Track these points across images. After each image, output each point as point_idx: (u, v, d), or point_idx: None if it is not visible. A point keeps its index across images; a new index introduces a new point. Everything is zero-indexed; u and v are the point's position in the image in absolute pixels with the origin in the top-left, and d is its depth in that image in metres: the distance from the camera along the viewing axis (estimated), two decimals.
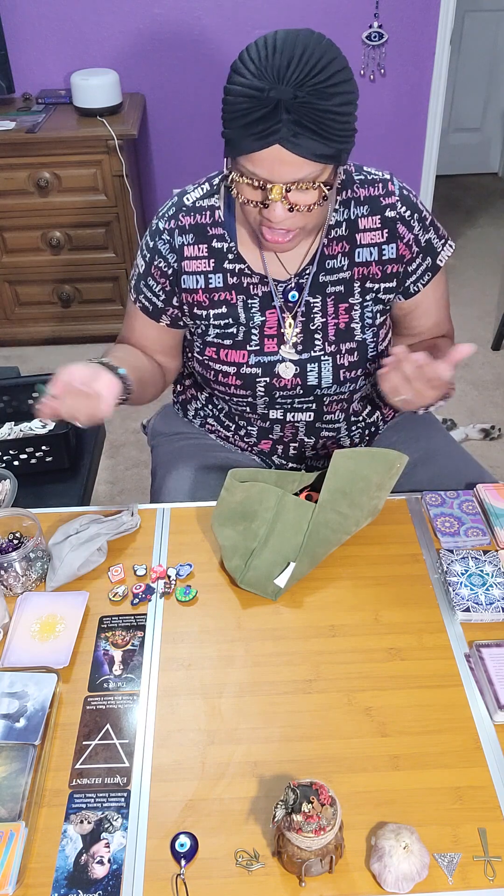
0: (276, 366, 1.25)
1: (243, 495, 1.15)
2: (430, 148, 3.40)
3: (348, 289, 1.22)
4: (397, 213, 1.20)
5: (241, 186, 1.04)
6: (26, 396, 1.76)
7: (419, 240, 1.22)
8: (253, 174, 1.00)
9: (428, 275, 1.26)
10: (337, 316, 1.23)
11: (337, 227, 1.20)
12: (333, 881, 0.82)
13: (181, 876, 0.83)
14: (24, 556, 1.13)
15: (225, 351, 1.26)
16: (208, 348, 1.27)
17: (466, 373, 3.08)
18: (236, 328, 1.24)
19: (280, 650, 1.06)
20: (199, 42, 3.08)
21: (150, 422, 1.62)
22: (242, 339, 1.24)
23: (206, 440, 1.48)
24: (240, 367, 1.26)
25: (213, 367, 1.28)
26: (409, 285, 1.26)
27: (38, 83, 3.13)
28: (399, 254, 1.21)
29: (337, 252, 1.21)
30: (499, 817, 0.87)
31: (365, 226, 1.20)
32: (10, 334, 3.23)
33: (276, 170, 0.98)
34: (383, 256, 1.21)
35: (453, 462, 1.41)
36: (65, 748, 0.95)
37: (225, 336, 1.25)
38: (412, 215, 1.21)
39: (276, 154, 0.97)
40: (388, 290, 1.24)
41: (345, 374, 1.26)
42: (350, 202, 1.19)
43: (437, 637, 1.07)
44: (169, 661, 1.05)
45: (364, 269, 1.22)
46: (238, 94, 0.96)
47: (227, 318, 1.24)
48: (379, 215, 1.19)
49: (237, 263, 1.22)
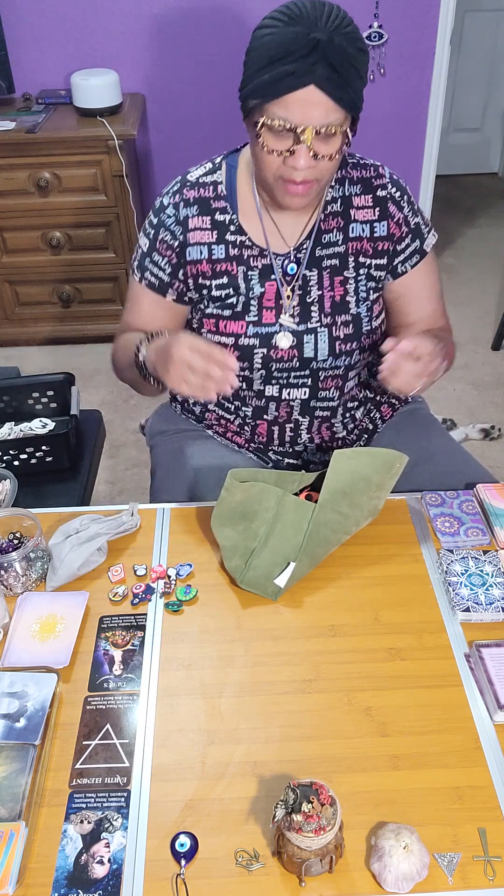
0: (273, 337, 1.27)
1: (243, 495, 1.15)
2: (430, 148, 3.40)
3: (343, 263, 1.27)
4: (388, 193, 1.26)
5: (267, 136, 1.08)
6: (26, 396, 1.76)
7: (409, 221, 1.28)
8: (285, 118, 1.04)
9: (416, 257, 1.30)
10: (333, 288, 1.27)
11: (333, 203, 1.26)
12: (333, 881, 0.82)
13: (181, 876, 0.83)
14: (24, 556, 1.13)
15: (224, 322, 1.28)
16: (207, 320, 1.29)
17: (466, 373, 3.08)
18: (236, 298, 1.27)
19: (280, 650, 1.06)
20: (199, 42, 3.08)
21: (148, 422, 1.63)
22: (241, 310, 1.27)
23: (203, 435, 1.48)
24: (238, 338, 1.28)
25: (211, 340, 1.29)
26: (396, 265, 1.30)
27: (38, 83, 3.12)
28: (390, 232, 1.27)
29: (332, 227, 1.26)
30: (499, 817, 0.87)
31: (358, 203, 1.26)
32: (10, 334, 3.23)
33: (308, 112, 1.03)
34: (374, 233, 1.27)
35: (452, 462, 1.41)
36: (65, 748, 0.95)
37: (224, 307, 1.27)
38: (402, 196, 1.28)
39: (310, 96, 1.02)
40: (378, 266, 1.29)
41: (340, 346, 1.29)
42: (345, 181, 1.26)
43: (437, 637, 1.07)
44: (169, 661, 1.05)
45: (357, 244, 1.27)
46: (274, 39, 1.02)
47: (228, 289, 1.27)
48: (371, 195, 1.26)
49: (238, 235, 1.25)
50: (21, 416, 1.77)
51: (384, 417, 1.50)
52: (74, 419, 1.73)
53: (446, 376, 3.14)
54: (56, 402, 1.77)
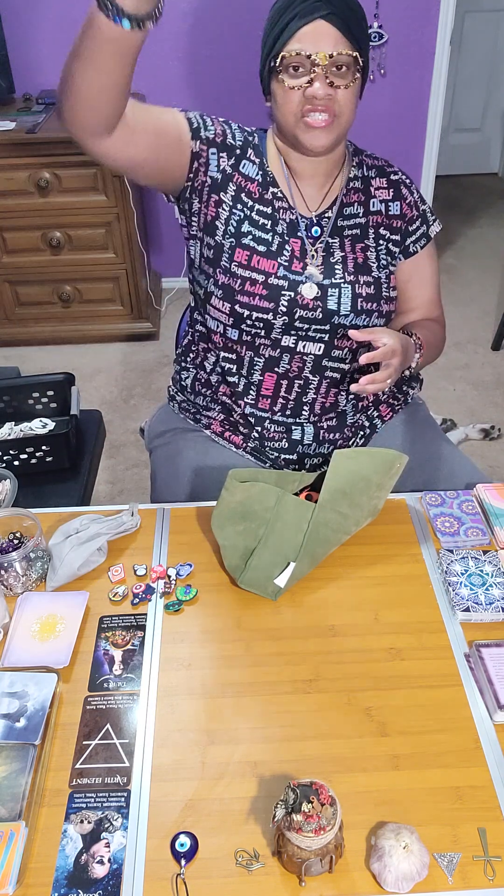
0: (299, 285, 1.30)
1: (243, 495, 1.15)
2: (430, 148, 3.40)
3: (364, 232, 1.35)
4: (401, 178, 1.39)
5: (286, 76, 1.19)
6: (26, 396, 1.76)
7: (418, 205, 1.39)
8: (300, 48, 1.17)
9: (424, 240, 1.40)
10: (355, 252, 1.34)
11: (354, 181, 1.35)
12: (333, 881, 0.82)
13: (181, 876, 0.83)
14: (25, 556, 1.13)
15: (258, 258, 1.29)
16: (240, 251, 1.28)
17: (466, 373, 3.08)
18: (272, 236, 1.30)
19: (280, 650, 1.06)
20: (200, 42, 3.08)
21: (147, 424, 1.63)
22: (276, 250, 1.30)
23: (201, 436, 1.48)
24: (268, 277, 1.29)
25: (241, 276, 1.28)
26: (409, 244, 1.39)
27: (38, 83, 3.13)
28: (402, 212, 1.37)
29: (354, 201, 1.35)
30: (498, 817, 0.87)
31: (376, 185, 1.37)
32: (10, 334, 3.23)
33: (319, 42, 1.16)
34: (390, 212, 1.37)
35: (447, 467, 1.40)
36: (65, 748, 0.95)
37: (260, 241, 1.29)
38: (411, 184, 1.40)
39: (319, 28, 1.16)
40: (395, 242, 1.37)
41: (362, 303, 1.31)
42: (363, 164, 1.37)
43: (436, 637, 1.07)
44: (169, 661, 1.05)
45: (377, 217, 1.36)
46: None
47: (268, 221, 1.30)
48: (386, 178, 1.37)
49: (272, 187, 1.32)
50: (21, 416, 1.77)
51: (383, 417, 1.50)
52: (74, 419, 1.73)
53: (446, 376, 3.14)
54: (56, 402, 1.77)
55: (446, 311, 1.55)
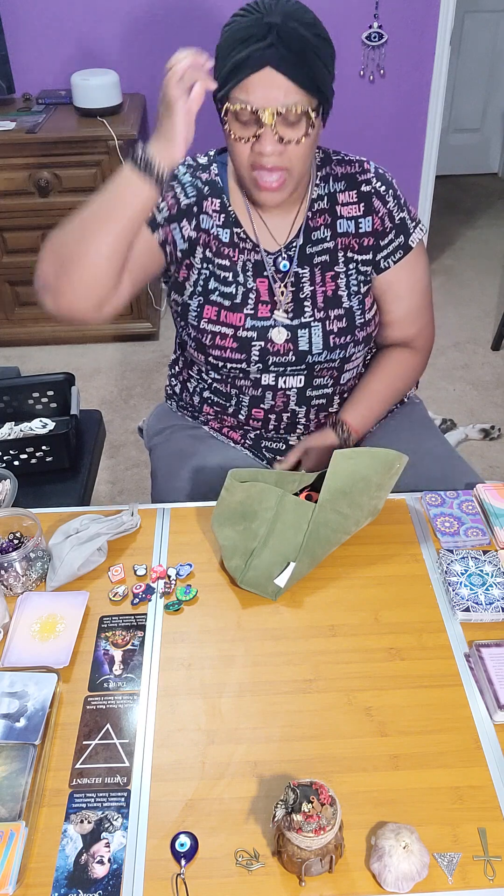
0: (269, 331, 1.28)
1: (243, 495, 1.15)
2: (430, 148, 3.40)
3: (333, 258, 1.28)
4: (372, 187, 1.27)
5: (233, 124, 1.10)
6: (26, 396, 1.76)
7: (393, 216, 1.28)
8: (247, 102, 1.06)
9: (399, 253, 1.30)
10: (324, 283, 1.28)
11: (319, 201, 1.27)
12: (333, 881, 0.82)
13: (181, 875, 0.83)
14: (25, 556, 1.13)
15: (224, 313, 1.28)
16: (209, 308, 1.28)
17: (466, 373, 3.08)
18: (235, 287, 1.27)
19: (280, 650, 1.06)
20: (200, 43, 3.07)
21: (146, 422, 1.63)
22: (240, 301, 1.28)
23: (200, 433, 1.48)
24: (237, 330, 1.28)
25: (210, 331, 1.29)
26: (379, 260, 1.30)
27: (38, 83, 3.13)
28: (374, 227, 1.27)
29: (320, 224, 1.27)
30: (498, 817, 0.87)
31: (343, 200, 1.27)
32: (10, 334, 3.23)
33: (267, 94, 1.05)
34: (360, 230, 1.27)
35: (440, 467, 1.40)
36: (65, 748, 0.95)
37: (226, 296, 1.27)
38: (387, 191, 1.28)
39: (268, 77, 1.05)
40: (365, 262, 1.29)
41: (334, 339, 1.29)
42: (329, 178, 1.27)
43: (436, 637, 1.07)
44: (169, 661, 1.05)
45: (345, 240, 1.28)
46: (233, 30, 1.07)
47: (230, 273, 1.27)
48: (355, 190, 1.27)
49: (236, 227, 1.27)
50: (21, 416, 1.77)
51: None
52: (74, 419, 1.73)
53: (446, 376, 3.14)
54: (56, 402, 1.77)
55: (446, 312, 1.55)
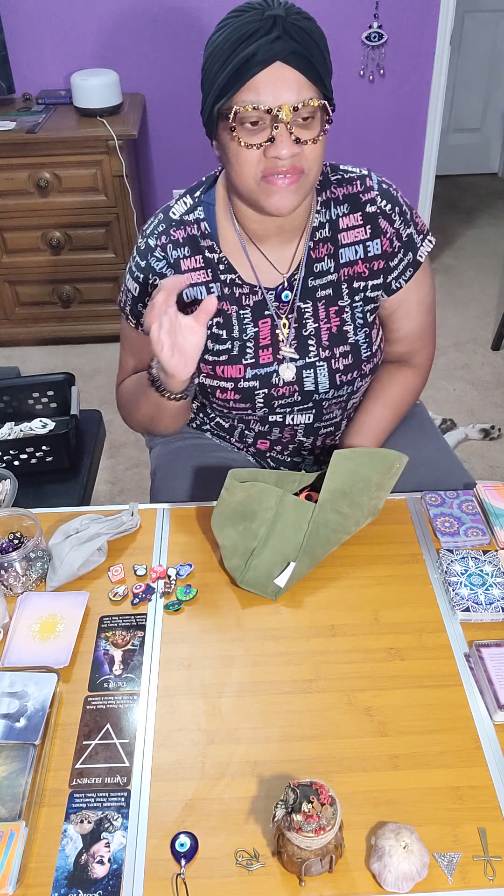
0: (272, 376, 1.25)
1: (243, 495, 1.15)
2: (430, 148, 3.40)
3: (337, 291, 1.22)
4: (378, 207, 1.19)
5: (241, 132, 1.01)
6: (26, 396, 1.76)
7: (401, 234, 1.21)
8: (257, 102, 0.98)
9: (409, 271, 1.24)
10: (329, 320, 1.23)
11: (321, 230, 1.20)
12: (333, 881, 0.82)
13: (181, 875, 0.83)
14: (24, 556, 1.13)
15: (221, 367, 1.25)
16: (203, 365, 1.26)
17: (466, 373, 3.08)
18: (230, 343, 1.24)
19: (280, 650, 1.06)
20: (200, 42, 3.08)
21: None
22: (238, 354, 1.24)
23: (202, 439, 1.48)
24: (237, 382, 1.26)
25: (209, 385, 1.28)
26: (390, 282, 1.24)
27: (38, 83, 3.13)
28: (383, 249, 1.21)
29: (323, 254, 1.21)
30: (498, 817, 0.87)
31: (346, 224, 1.19)
32: (10, 334, 3.23)
33: (280, 91, 0.98)
34: (368, 253, 1.21)
35: (436, 472, 1.40)
36: (65, 748, 0.95)
37: (220, 353, 1.24)
38: (393, 209, 1.20)
39: (279, 73, 0.97)
40: (375, 287, 1.24)
41: (341, 377, 1.27)
42: (330, 203, 1.19)
43: (436, 637, 1.07)
44: (169, 661, 1.05)
45: (349, 270, 1.21)
46: (230, 31, 0.99)
47: (222, 331, 1.23)
48: (360, 212, 1.19)
49: (229, 273, 1.21)
50: (21, 416, 1.77)
51: None
52: (74, 419, 1.73)
53: (446, 376, 3.14)
54: (56, 402, 1.77)
55: (446, 312, 1.55)
